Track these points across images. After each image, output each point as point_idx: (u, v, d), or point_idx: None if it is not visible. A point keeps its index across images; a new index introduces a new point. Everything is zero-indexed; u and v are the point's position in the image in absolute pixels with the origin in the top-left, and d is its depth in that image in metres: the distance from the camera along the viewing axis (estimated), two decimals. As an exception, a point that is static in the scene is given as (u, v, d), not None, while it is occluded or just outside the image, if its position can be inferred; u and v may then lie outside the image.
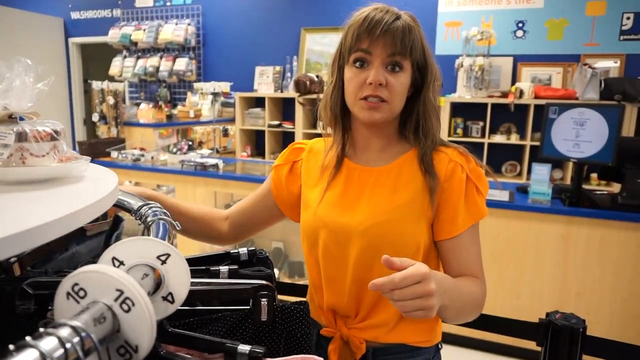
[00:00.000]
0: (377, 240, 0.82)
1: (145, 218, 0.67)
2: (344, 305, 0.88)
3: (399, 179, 0.87)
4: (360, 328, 0.87)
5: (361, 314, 0.88)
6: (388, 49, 0.81)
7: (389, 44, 0.81)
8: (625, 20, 3.76)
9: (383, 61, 0.82)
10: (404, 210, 0.84)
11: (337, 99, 0.90)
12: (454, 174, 0.84)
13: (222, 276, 0.72)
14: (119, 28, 5.38)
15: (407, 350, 0.88)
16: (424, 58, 0.86)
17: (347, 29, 0.86)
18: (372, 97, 0.83)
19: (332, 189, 0.90)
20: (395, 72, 0.83)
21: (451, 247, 0.85)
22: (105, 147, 3.50)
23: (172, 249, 0.47)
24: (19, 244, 0.40)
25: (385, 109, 0.84)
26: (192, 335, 0.53)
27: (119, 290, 0.38)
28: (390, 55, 0.82)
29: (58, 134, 0.62)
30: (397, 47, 0.81)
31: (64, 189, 0.58)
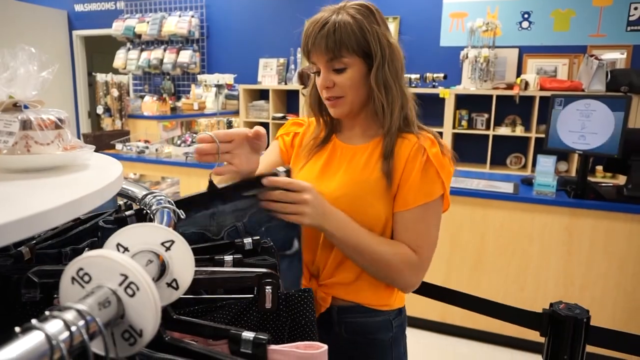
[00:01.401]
0: (346, 209, 0.91)
1: (150, 206, 0.67)
2: (315, 262, 1.00)
3: (371, 158, 0.96)
4: (328, 285, 0.99)
5: (327, 271, 0.98)
6: (323, 56, 0.91)
7: (322, 52, 0.90)
8: (633, 11, 3.71)
9: (326, 67, 0.92)
10: (368, 186, 0.94)
11: (315, 97, 1.02)
12: (416, 156, 0.92)
13: (227, 265, 0.72)
14: (123, 20, 5.37)
15: (367, 311, 0.99)
16: (366, 45, 0.90)
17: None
18: (327, 99, 0.96)
19: (316, 160, 1.02)
20: (340, 72, 0.92)
21: (399, 220, 0.94)
22: (109, 140, 3.51)
23: (177, 235, 0.47)
24: (22, 229, 0.40)
25: (344, 103, 0.95)
26: (196, 322, 0.53)
27: (124, 275, 0.38)
28: (329, 61, 0.91)
29: (62, 122, 0.62)
30: (329, 53, 0.90)
31: (68, 177, 0.58)
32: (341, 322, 0.99)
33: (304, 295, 0.65)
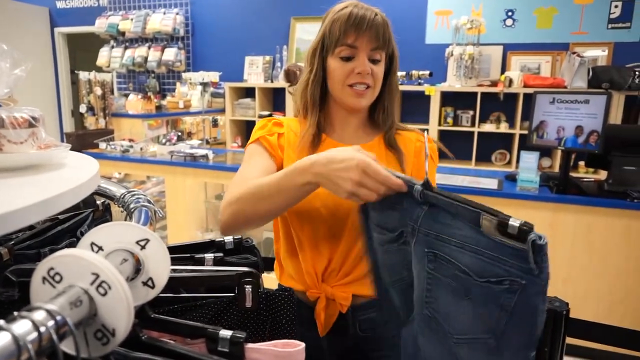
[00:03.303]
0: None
1: (128, 205, 0.66)
2: (331, 263, 0.97)
3: (380, 155, 0.96)
4: (344, 283, 0.97)
5: (345, 269, 0.97)
6: (372, 43, 0.92)
7: (373, 39, 0.92)
8: (614, 9, 3.77)
9: (367, 54, 0.93)
10: None
11: (317, 86, 0.99)
12: (421, 152, 1.00)
13: (207, 264, 0.72)
14: (106, 17, 5.29)
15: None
16: (393, 49, 0.99)
17: (332, 23, 0.95)
18: (360, 84, 0.94)
19: None
20: (376, 63, 0.94)
21: None
22: (93, 139, 3.47)
23: (151, 234, 0.47)
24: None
25: (370, 95, 0.96)
26: (174, 320, 0.53)
27: (95, 273, 0.37)
28: (373, 49, 0.93)
29: (36, 121, 0.61)
30: (380, 42, 0.93)
31: (42, 176, 0.57)
32: (356, 321, 0.99)
33: (285, 294, 0.66)
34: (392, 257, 0.76)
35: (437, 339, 0.66)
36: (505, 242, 0.56)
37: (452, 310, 0.63)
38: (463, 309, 0.61)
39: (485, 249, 0.59)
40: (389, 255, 0.76)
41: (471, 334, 0.61)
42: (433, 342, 0.67)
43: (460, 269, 0.61)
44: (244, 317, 0.66)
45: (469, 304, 0.61)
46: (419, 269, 0.69)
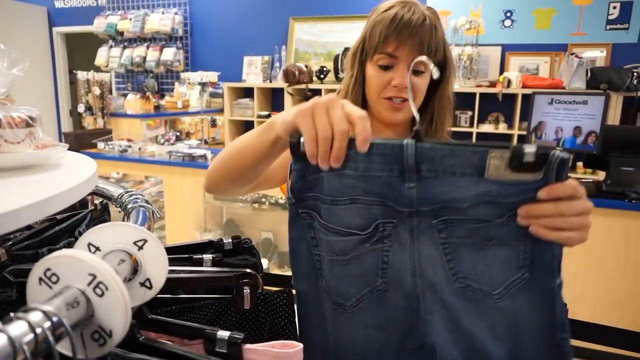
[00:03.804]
0: None
1: (126, 205, 0.66)
2: None
3: None
4: None
5: None
6: (414, 53, 0.81)
7: (416, 48, 0.81)
8: (612, 10, 3.77)
9: (408, 64, 0.82)
10: None
11: (359, 94, 0.91)
12: None
13: (206, 264, 0.72)
14: (105, 17, 5.28)
15: None
16: (444, 55, 0.87)
17: (373, 25, 0.85)
18: (397, 97, 0.85)
19: None
20: (418, 75, 0.84)
21: None
22: (91, 138, 3.46)
23: (149, 234, 0.47)
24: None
25: (407, 109, 0.86)
26: (171, 321, 0.53)
27: (92, 274, 0.37)
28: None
29: (34, 121, 0.61)
30: (423, 52, 0.81)
31: (39, 176, 0.57)
32: None
33: (284, 296, 0.65)
34: (360, 264, 0.63)
35: (477, 312, 0.60)
36: (521, 180, 0.53)
37: (480, 266, 0.59)
38: (490, 258, 0.59)
39: (498, 196, 0.55)
40: (358, 261, 0.63)
41: (508, 279, 0.59)
42: (474, 318, 0.61)
43: (476, 220, 0.57)
44: (242, 319, 0.66)
45: (495, 250, 0.58)
46: (429, 249, 0.60)
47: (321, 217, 0.62)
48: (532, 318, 0.59)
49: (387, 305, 0.63)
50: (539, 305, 0.59)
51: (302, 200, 0.62)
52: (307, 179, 0.61)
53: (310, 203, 0.62)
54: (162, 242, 1.93)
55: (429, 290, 0.61)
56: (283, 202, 3.08)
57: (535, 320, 0.59)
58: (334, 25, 4.38)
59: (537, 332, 0.59)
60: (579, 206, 0.54)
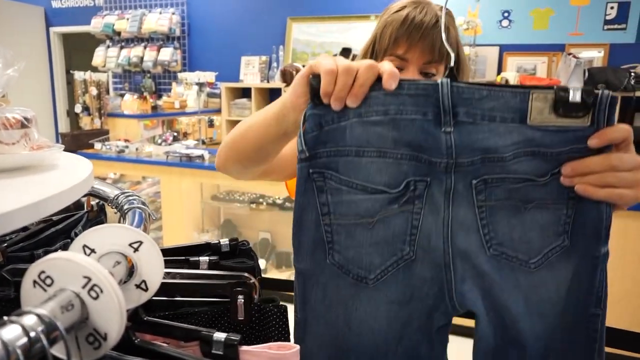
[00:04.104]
0: None
1: (122, 206, 0.66)
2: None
3: None
4: None
5: None
6: (425, 56, 0.80)
7: (427, 51, 0.79)
8: (609, 10, 3.78)
9: (418, 67, 0.81)
10: None
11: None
12: None
13: (202, 267, 0.71)
14: (102, 17, 5.27)
15: None
16: (457, 55, 0.83)
17: (384, 26, 0.83)
18: None
19: None
20: (430, 77, 0.82)
21: None
22: (88, 139, 3.45)
23: (145, 236, 0.46)
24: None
25: None
26: (167, 323, 0.53)
27: (87, 277, 0.37)
28: (426, 63, 0.80)
29: (29, 122, 0.60)
30: (435, 55, 0.79)
31: (34, 177, 0.56)
32: None
33: (276, 310, 0.65)
34: (387, 228, 0.56)
35: (511, 283, 0.56)
36: (567, 126, 0.49)
37: (517, 232, 0.55)
38: (528, 223, 0.55)
39: (542, 145, 0.51)
40: (384, 225, 0.56)
41: (546, 247, 0.55)
42: (508, 288, 0.56)
43: (517, 179, 0.53)
44: (236, 329, 0.65)
45: (534, 214, 0.54)
46: (464, 212, 0.55)
47: (340, 174, 0.55)
48: (568, 291, 0.55)
49: (414, 277, 0.57)
50: (577, 277, 0.54)
51: (315, 156, 0.55)
52: (325, 130, 0.54)
53: (324, 161, 0.55)
54: (159, 243, 1.93)
55: (460, 259, 0.56)
56: (281, 202, 3.08)
57: (570, 294, 0.55)
58: (332, 25, 4.38)
59: (571, 307, 0.55)
60: (631, 160, 0.50)
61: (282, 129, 0.61)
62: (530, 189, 0.53)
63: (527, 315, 0.56)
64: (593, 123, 0.50)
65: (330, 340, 0.60)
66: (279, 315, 0.66)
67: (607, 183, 0.50)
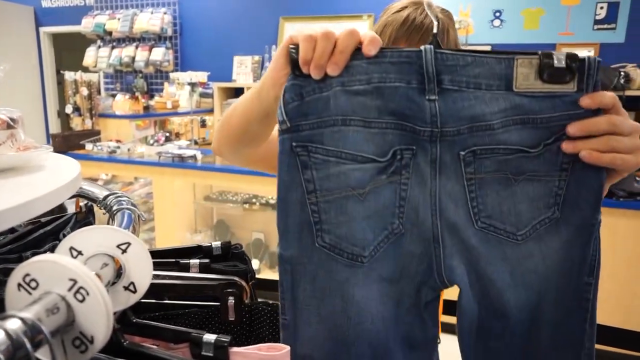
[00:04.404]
0: None
1: (111, 207, 0.65)
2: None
3: None
4: None
5: None
6: None
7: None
8: (599, 10, 3.82)
9: None
10: None
11: None
12: None
13: (192, 270, 0.71)
14: (93, 17, 5.23)
15: None
16: None
17: (384, 26, 0.83)
18: None
19: None
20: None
21: None
22: (79, 140, 3.42)
23: (133, 237, 0.46)
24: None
25: None
26: (156, 325, 0.52)
27: (72, 279, 0.36)
28: None
29: (15, 122, 0.59)
30: None
31: (21, 179, 0.55)
32: None
33: (268, 309, 0.64)
34: (377, 200, 0.54)
35: (497, 255, 0.55)
36: (553, 91, 0.49)
37: (507, 204, 0.54)
38: (519, 195, 0.54)
39: (530, 112, 0.50)
40: (375, 197, 0.54)
41: (534, 218, 0.54)
42: (495, 261, 0.55)
43: (508, 150, 0.52)
44: (227, 330, 0.65)
45: (524, 186, 0.54)
46: (452, 185, 0.54)
47: (327, 145, 0.52)
48: (557, 261, 0.55)
49: (403, 252, 0.56)
50: (568, 247, 0.54)
51: (297, 129, 0.52)
52: (306, 100, 0.51)
53: (307, 134, 0.52)
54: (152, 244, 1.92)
55: (448, 232, 0.55)
56: (274, 203, 3.07)
57: (560, 264, 0.55)
58: (325, 24, 4.36)
59: (561, 277, 0.55)
60: (628, 124, 0.50)
61: (263, 107, 0.59)
62: (522, 160, 0.53)
63: (513, 287, 0.55)
64: (580, 89, 0.50)
65: (326, 339, 0.56)
66: (271, 314, 0.66)
67: (610, 147, 0.50)
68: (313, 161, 0.53)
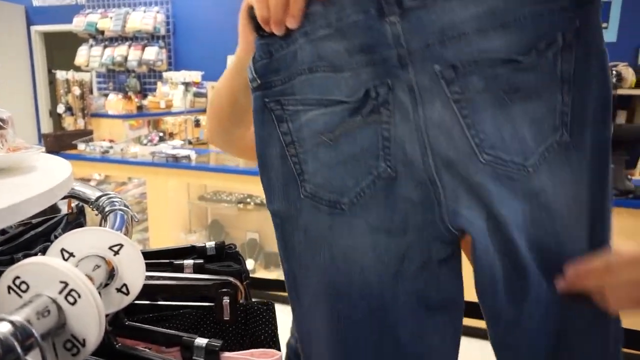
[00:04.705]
0: None
1: (103, 208, 0.65)
2: None
3: None
4: None
5: None
6: None
7: None
8: (591, 10, 3.85)
9: None
10: None
11: None
12: None
13: (186, 270, 0.70)
14: (84, 16, 5.20)
15: None
16: None
17: None
18: None
19: None
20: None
21: None
22: (71, 140, 3.39)
23: (125, 239, 0.45)
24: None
25: None
26: (148, 328, 0.52)
27: (63, 282, 0.36)
28: None
29: (5, 123, 0.59)
30: None
31: (12, 180, 0.55)
32: None
33: (264, 308, 0.64)
34: (354, 143, 0.51)
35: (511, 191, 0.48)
36: None
37: (507, 130, 0.47)
38: (518, 117, 0.46)
39: (507, 12, 0.44)
40: (350, 140, 0.51)
41: (542, 143, 0.47)
42: (507, 199, 0.48)
43: (493, 61, 0.45)
44: (222, 329, 0.64)
45: (522, 105, 0.46)
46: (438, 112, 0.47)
47: (297, 94, 0.51)
48: (574, 192, 0.47)
49: (398, 199, 0.50)
50: (584, 173, 0.47)
51: (269, 85, 0.52)
52: (275, 57, 0.51)
53: (279, 89, 0.52)
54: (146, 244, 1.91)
55: (446, 170, 0.48)
56: (268, 202, 3.06)
57: (579, 193, 0.47)
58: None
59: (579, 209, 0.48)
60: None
61: (244, 78, 0.57)
62: (514, 75, 0.45)
63: (530, 228, 0.48)
64: None
65: (323, 289, 0.53)
66: (266, 313, 0.66)
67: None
68: (288, 114, 0.52)
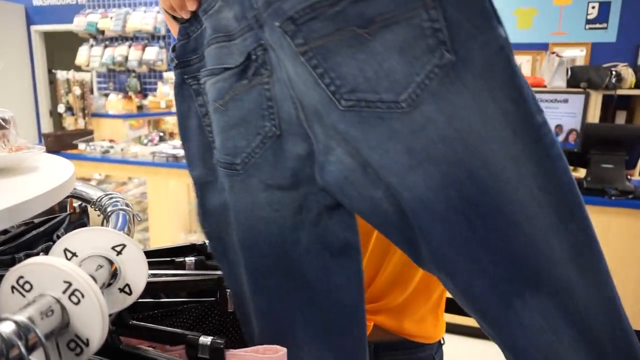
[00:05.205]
0: None
1: (105, 208, 0.65)
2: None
3: None
4: (371, 310, 0.79)
5: (374, 291, 0.80)
6: None
7: None
8: (591, 10, 3.84)
9: None
10: None
11: None
12: None
13: (188, 267, 0.71)
14: (85, 16, 5.19)
15: (411, 347, 0.84)
16: None
17: None
18: None
19: None
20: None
21: None
22: (72, 139, 3.39)
23: (128, 239, 0.45)
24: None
25: None
26: (152, 327, 0.52)
27: (67, 282, 0.36)
28: None
29: (7, 123, 0.59)
30: None
31: (14, 179, 0.55)
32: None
33: None
34: (242, 106, 0.52)
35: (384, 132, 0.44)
36: None
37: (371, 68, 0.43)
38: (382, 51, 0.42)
39: None
40: (237, 104, 0.52)
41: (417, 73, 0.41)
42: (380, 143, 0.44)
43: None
44: (226, 322, 0.65)
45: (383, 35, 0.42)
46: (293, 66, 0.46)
47: (204, 68, 0.56)
48: (475, 115, 0.41)
49: (287, 155, 0.51)
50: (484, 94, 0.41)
51: (188, 63, 0.57)
52: (192, 38, 0.56)
53: (197, 66, 0.57)
54: (146, 244, 1.92)
55: (317, 122, 0.48)
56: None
57: (481, 116, 0.42)
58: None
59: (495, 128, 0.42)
60: None
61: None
62: (359, 5, 0.41)
63: (417, 166, 0.43)
64: None
65: (238, 244, 0.56)
66: None
67: None
68: (203, 87, 0.57)
